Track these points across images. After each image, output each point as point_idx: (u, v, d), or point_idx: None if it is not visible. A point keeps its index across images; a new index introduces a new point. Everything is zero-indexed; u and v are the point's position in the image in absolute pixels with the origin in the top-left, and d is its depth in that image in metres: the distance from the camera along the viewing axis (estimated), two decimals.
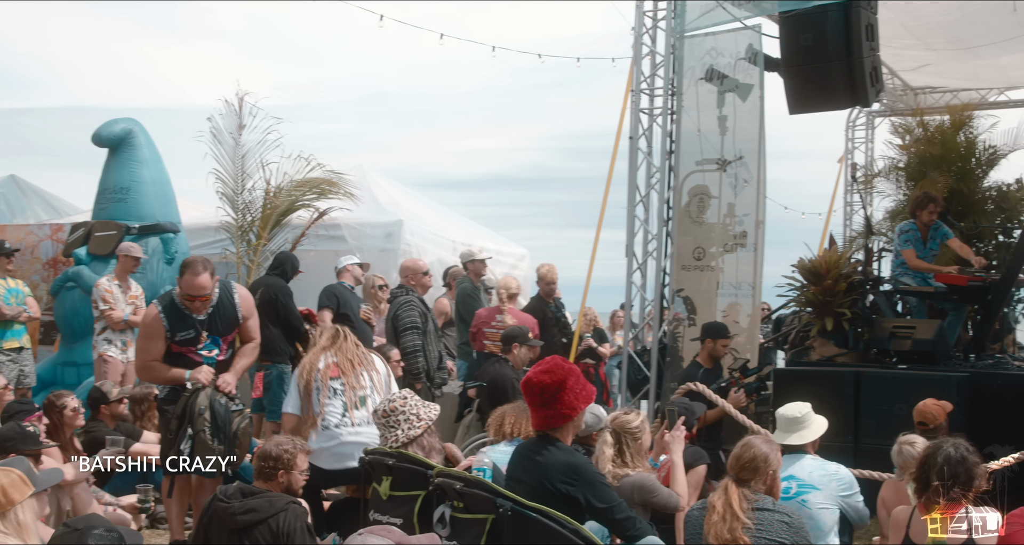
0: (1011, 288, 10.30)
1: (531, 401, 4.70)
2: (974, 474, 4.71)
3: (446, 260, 12.58)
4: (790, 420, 6.17)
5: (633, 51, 10.09)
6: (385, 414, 5.31)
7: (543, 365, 4.71)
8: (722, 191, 10.01)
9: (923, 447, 5.93)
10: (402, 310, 8.53)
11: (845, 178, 15.89)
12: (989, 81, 14.51)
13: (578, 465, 4.59)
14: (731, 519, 4.72)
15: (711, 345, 8.65)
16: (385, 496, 4.98)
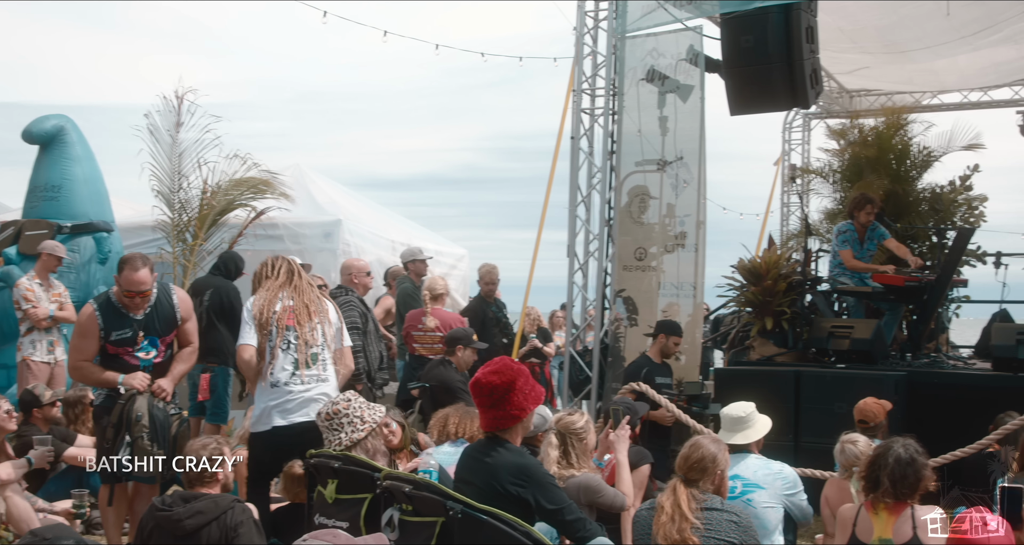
0: (946, 288, 10.45)
1: (480, 402, 4.64)
2: (922, 475, 4.75)
3: (385, 260, 12.47)
4: (734, 420, 6.19)
5: (575, 51, 10.10)
6: (328, 416, 5.22)
7: (492, 366, 4.65)
8: (662, 192, 10.04)
9: (865, 445, 6.01)
10: (342, 310, 8.42)
11: (782, 179, 16.08)
12: (922, 85, 14.77)
13: (528, 466, 4.54)
14: (680, 519, 4.70)
15: (663, 341, 8.66)
16: (331, 499, 4.89)
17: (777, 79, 9.03)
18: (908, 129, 12.48)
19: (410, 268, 10.69)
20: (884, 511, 4.70)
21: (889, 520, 4.67)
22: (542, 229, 10.67)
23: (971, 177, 12.34)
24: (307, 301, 6.30)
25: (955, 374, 9.45)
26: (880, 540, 4.65)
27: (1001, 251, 11.91)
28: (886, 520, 4.68)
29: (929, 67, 13.45)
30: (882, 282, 9.97)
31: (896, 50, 12.42)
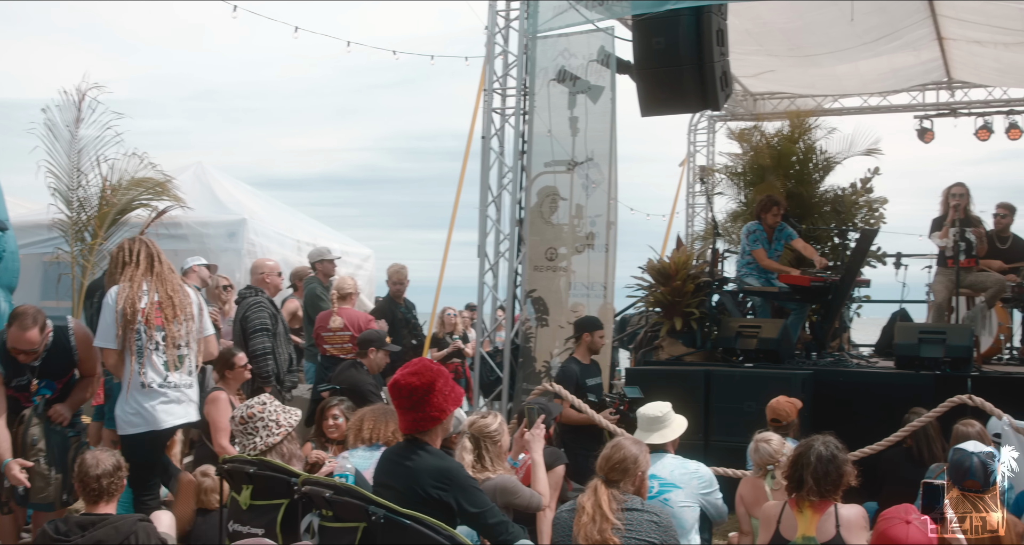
0: (850, 288, 10.65)
1: (399, 404, 4.55)
2: (844, 471, 4.81)
3: (291, 260, 12.28)
4: (651, 419, 6.20)
5: (486, 50, 10.04)
6: (243, 420, 5.07)
7: (411, 367, 4.58)
8: (572, 192, 10.03)
9: (779, 444, 6.07)
10: (251, 311, 8.24)
11: (687, 180, 16.25)
12: (825, 89, 15.07)
13: (450, 469, 4.47)
14: (600, 520, 4.68)
15: (588, 339, 8.53)
16: (245, 505, 4.74)
17: (688, 81, 9.09)
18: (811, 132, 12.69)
19: (318, 268, 10.52)
20: (808, 509, 4.76)
21: (813, 518, 4.73)
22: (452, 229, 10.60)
23: (871, 180, 12.60)
24: (171, 292, 6.17)
25: (860, 372, 9.61)
26: (804, 538, 4.70)
27: (901, 252, 12.21)
28: (810, 518, 4.73)
29: (832, 71, 13.72)
30: (788, 282, 10.12)
31: (801, 54, 12.64)
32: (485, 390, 9.96)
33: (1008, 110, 15.10)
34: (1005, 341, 11.30)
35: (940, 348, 8.95)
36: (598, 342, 8.59)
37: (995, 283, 10.13)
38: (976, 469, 4.76)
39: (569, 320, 9.73)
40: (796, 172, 12.58)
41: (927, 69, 14.16)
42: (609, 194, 9.85)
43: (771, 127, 12.90)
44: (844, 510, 4.75)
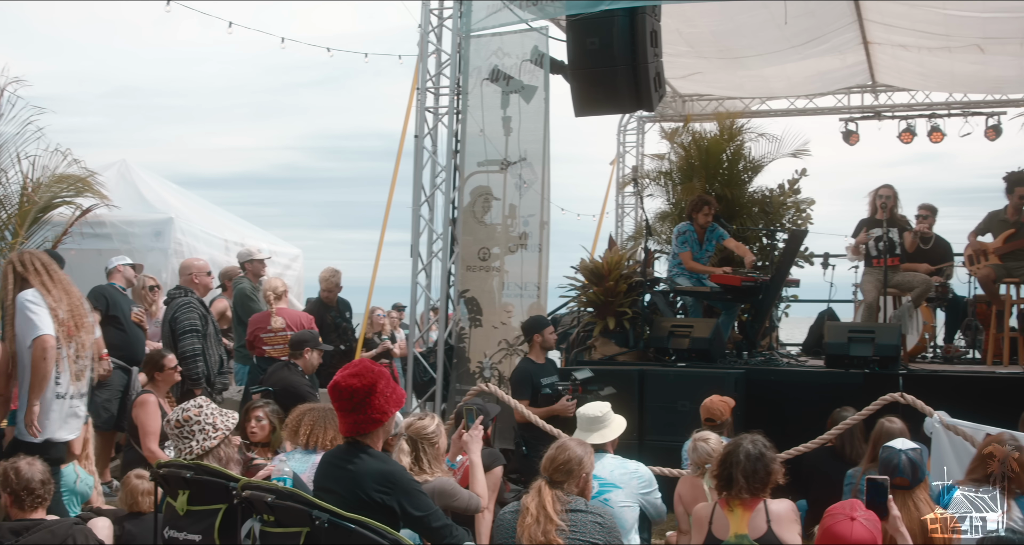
0: (780, 288, 10.76)
1: (339, 406, 4.47)
2: (772, 469, 4.83)
3: (219, 260, 12.06)
4: (591, 419, 6.19)
5: (419, 49, 9.97)
6: (179, 424, 4.95)
7: (352, 368, 4.49)
8: (505, 192, 10.01)
9: (716, 443, 6.09)
10: (181, 312, 8.08)
11: (617, 181, 16.31)
12: (752, 91, 15.21)
13: (393, 473, 4.40)
14: (545, 521, 4.64)
15: (539, 339, 8.47)
16: (182, 511, 4.62)
17: (622, 81, 9.09)
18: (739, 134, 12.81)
19: (247, 268, 10.35)
20: (739, 507, 4.76)
21: (744, 516, 4.73)
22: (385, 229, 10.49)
23: (799, 181, 12.77)
24: (77, 303, 6.06)
25: (790, 371, 9.73)
26: (736, 536, 4.71)
27: (829, 253, 12.40)
28: (741, 516, 4.74)
29: (760, 74, 13.86)
30: (720, 282, 10.19)
31: (730, 56, 12.75)
32: (418, 391, 9.89)
33: (930, 114, 15.41)
34: (929, 340, 11.53)
35: (869, 347, 9.09)
36: (549, 339, 8.55)
37: (921, 283, 10.30)
38: (904, 466, 4.84)
39: (503, 320, 9.72)
40: (725, 173, 12.70)
41: (853, 72, 14.37)
42: (542, 194, 9.84)
43: (700, 128, 13.01)
44: (773, 505, 4.78)
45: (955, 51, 12.27)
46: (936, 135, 15.24)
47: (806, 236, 10.80)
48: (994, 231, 10.66)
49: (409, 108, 10.07)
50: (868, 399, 7.67)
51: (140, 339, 8.68)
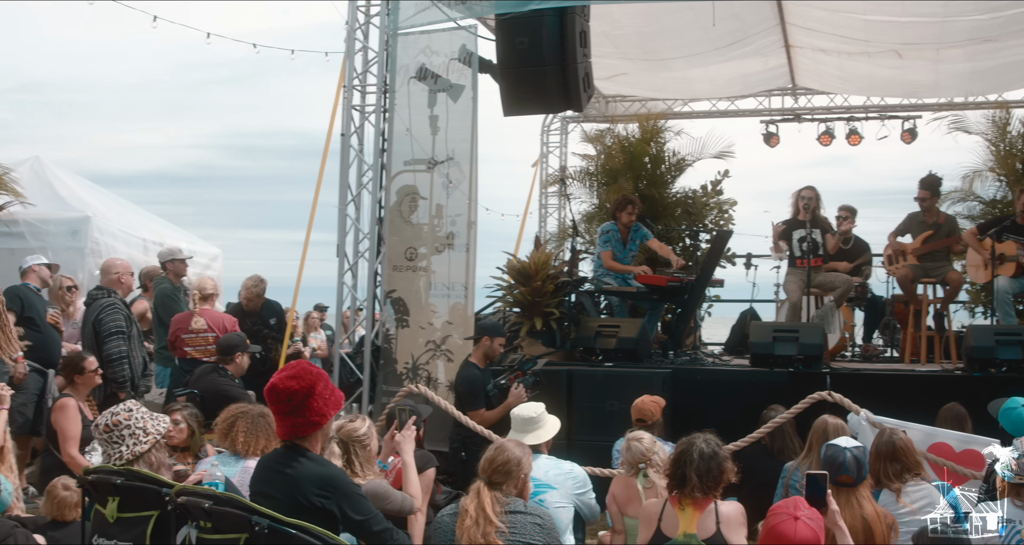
0: (705, 288, 10.86)
1: (278, 409, 4.37)
2: (725, 468, 4.88)
3: (137, 259, 11.78)
4: (526, 420, 6.17)
5: (346, 46, 9.84)
6: (108, 428, 4.79)
7: (289, 370, 4.40)
8: (432, 192, 9.92)
9: (650, 442, 6.10)
10: (105, 313, 7.86)
11: (540, 181, 16.32)
12: (675, 93, 15.34)
13: (333, 476, 4.32)
14: (484, 523, 4.60)
15: (487, 344, 8.39)
16: (112, 518, 4.47)
17: (551, 82, 9.08)
18: (663, 135, 12.92)
19: (169, 268, 10.12)
20: (690, 506, 4.78)
21: (694, 515, 4.75)
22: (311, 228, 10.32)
23: (721, 182, 12.91)
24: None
25: (716, 370, 9.82)
26: (685, 535, 4.73)
27: (751, 253, 12.56)
28: (691, 515, 4.76)
29: (683, 75, 13.97)
30: (645, 282, 10.25)
31: (655, 58, 12.83)
32: (345, 392, 9.72)
33: (848, 117, 15.68)
34: (849, 339, 11.75)
35: (793, 346, 9.21)
36: (497, 349, 8.48)
37: (843, 283, 10.47)
38: (849, 463, 4.87)
39: (430, 321, 9.64)
40: (648, 173, 12.79)
41: (774, 75, 14.56)
42: (470, 194, 9.78)
43: (624, 129, 13.07)
44: (724, 507, 4.82)
45: (874, 56, 12.51)
46: (854, 138, 15.51)
47: (731, 237, 10.90)
48: (913, 232, 10.90)
49: (335, 106, 9.92)
50: (793, 397, 7.78)
51: (56, 341, 8.45)
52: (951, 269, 10.73)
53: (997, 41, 11.86)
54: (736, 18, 11.15)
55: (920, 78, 13.51)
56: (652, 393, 7.56)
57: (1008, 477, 5.00)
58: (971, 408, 7.33)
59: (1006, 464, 5.03)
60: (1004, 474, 5.03)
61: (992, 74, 13.15)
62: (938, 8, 10.85)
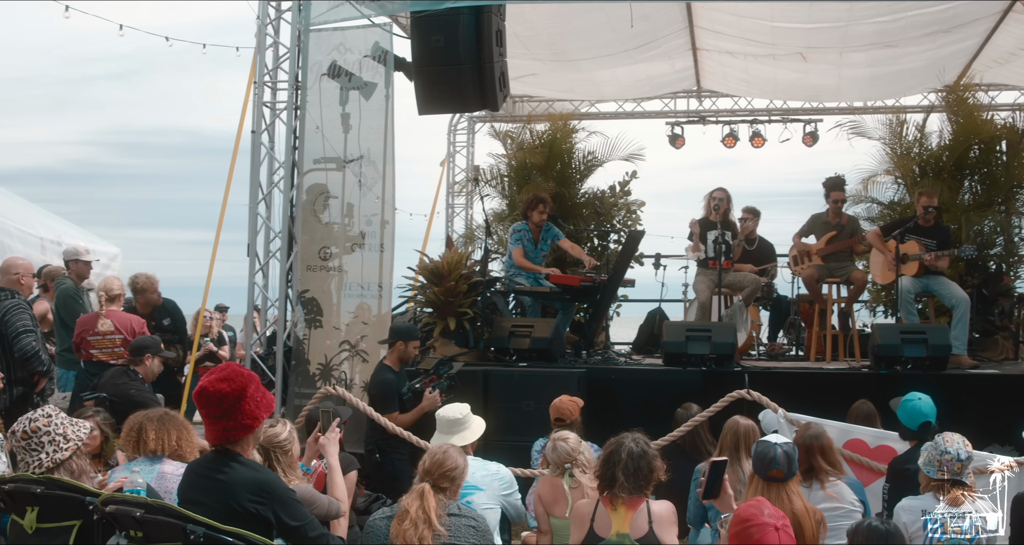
0: (617, 288, 10.92)
1: (208, 413, 4.24)
2: (654, 466, 4.91)
3: (35, 259, 11.36)
4: (451, 422, 6.13)
5: (257, 41, 9.66)
6: (26, 435, 4.59)
7: (219, 373, 4.27)
8: (344, 190, 9.80)
9: (576, 442, 6.10)
10: (12, 314, 7.54)
11: (447, 180, 16.25)
12: (583, 94, 15.42)
13: (268, 481, 4.21)
14: (423, 526, 4.54)
15: (402, 347, 8.25)
16: (31, 529, 4.28)
17: (467, 80, 9.03)
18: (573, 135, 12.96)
19: (72, 268, 9.76)
20: (621, 506, 4.80)
21: (627, 515, 4.77)
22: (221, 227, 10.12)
23: (629, 183, 12.99)
24: None
25: (630, 370, 9.88)
26: (618, 534, 4.74)
27: (660, 253, 12.69)
28: (623, 515, 4.78)
29: (591, 77, 14.05)
30: (558, 282, 10.26)
31: (564, 59, 12.87)
32: None
33: (752, 119, 15.95)
34: (755, 338, 11.94)
35: (706, 345, 9.33)
36: (411, 352, 8.35)
37: (752, 283, 10.64)
38: (780, 459, 4.92)
39: (345, 321, 9.52)
40: (558, 174, 12.80)
41: (680, 78, 14.74)
42: (384, 193, 9.69)
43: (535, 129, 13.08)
44: (655, 506, 4.85)
45: (779, 59, 12.75)
46: (757, 140, 15.77)
47: (643, 237, 10.99)
48: (817, 233, 11.15)
49: (246, 102, 9.74)
50: (707, 396, 7.89)
51: None
52: (855, 269, 11.00)
53: (898, 46, 12.21)
54: (646, 20, 11.24)
55: (823, 82, 13.82)
56: (568, 393, 7.56)
57: (931, 473, 5.15)
58: (879, 405, 7.50)
59: (929, 461, 5.17)
60: (927, 471, 5.18)
61: (891, 79, 13.53)
62: (843, 12, 11.10)
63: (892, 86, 13.86)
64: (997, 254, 11.57)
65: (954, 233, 10.66)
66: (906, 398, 6.25)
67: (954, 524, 5.02)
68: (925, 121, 12.19)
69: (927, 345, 9.00)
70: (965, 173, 11.81)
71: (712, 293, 10.43)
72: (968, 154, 11.65)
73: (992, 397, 8.67)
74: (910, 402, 6.20)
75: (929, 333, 9.13)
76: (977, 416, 6.61)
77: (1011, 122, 11.94)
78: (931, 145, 11.96)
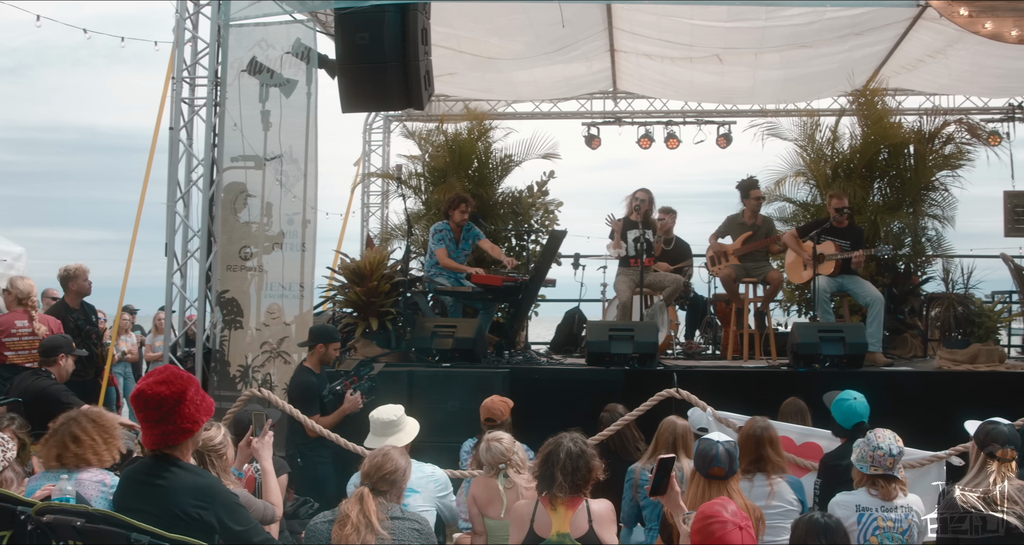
0: (539, 288, 10.94)
1: (145, 416, 4.10)
2: (592, 466, 4.90)
3: None
4: (385, 423, 6.08)
5: (175, 36, 9.46)
6: None
7: (158, 375, 4.15)
8: (264, 189, 9.66)
9: (510, 442, 6.09)
10: None
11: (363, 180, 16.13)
12: (500, 94, 15.43)
13: (210, 486, 4.09)
14: (366, 530, 4.48)
15: (322, 349, 8.17)
16: None
17: (392, 79, 8.91)
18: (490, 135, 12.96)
19: None
20: (561, 506, 4.79)
21: (567, 514, 4.77)
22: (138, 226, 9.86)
23: (547, 183, 13.03)
24: None
25: (553, 369, 9.91)
26: (559, 534, 4.73)
27: (579, 253, 12.76)
28: (563, 514, 4.77)
29: (509, 77, 14.06)
30: (480, 282, 10.24)
31: (485, 58, 12.84)
32: None
33: (667, 121, 16.14)
34: (673, 337, 12.07)
35: (629, 344, 9.40)
36: (332, 354, 8.27)
37: (672, 282, 10.74)
38: (722, 457, 4.98)
39: (266, 322, 9.38)
40: (476, 173, 12.78)
41: (597, 79, 14.83)
42: (306, 191, 9.57)
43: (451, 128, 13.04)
44: (595, 505, 4.87)
45: (696, 61, 12.90)
46: (672, 141, 15.97)
47: (565, 236, 11.02)
48: (733, 234, 11.32)
49: (164, 98, 9.52)
50: (630, 395, 7.96)
51: None
52: (771, 269, 11.19)
53: (812, 47, 12.45)
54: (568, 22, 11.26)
55: (737, 84, 14.02)
56: (493, 393, 7.53)
57: (864, 469, 5.27)
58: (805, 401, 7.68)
59: (862, 457, 5.30)
60: (860, 466, 5.30)
61: (803, 81, 13.79)
62: (762, 11, 11.28)
63: (804, 88, 14.14)
64: (906, 254, 11.89)
65: (866, 234, 10.90)
66: (841, 397, 6.36)
67: (887, 517, 5.16)
68: (837, 124, 12.46)
69: (844, 343, 9.20)
70: (875, 175, 12.11)
71: (633, 292, 10.50)
72: (878, 157, 11.95)
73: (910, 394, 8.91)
74: (845, 402, 6.30)
75: (846, 332, 9.33)
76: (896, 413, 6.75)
77: (918, 127, 12.28)
78: (843, 147, 12.24)
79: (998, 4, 8.51)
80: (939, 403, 8.69)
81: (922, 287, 11.98)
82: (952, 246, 12.23)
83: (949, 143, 12.09)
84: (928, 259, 12.17)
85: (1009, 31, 8.55)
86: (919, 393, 9.02)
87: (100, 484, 5.38)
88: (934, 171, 11.99)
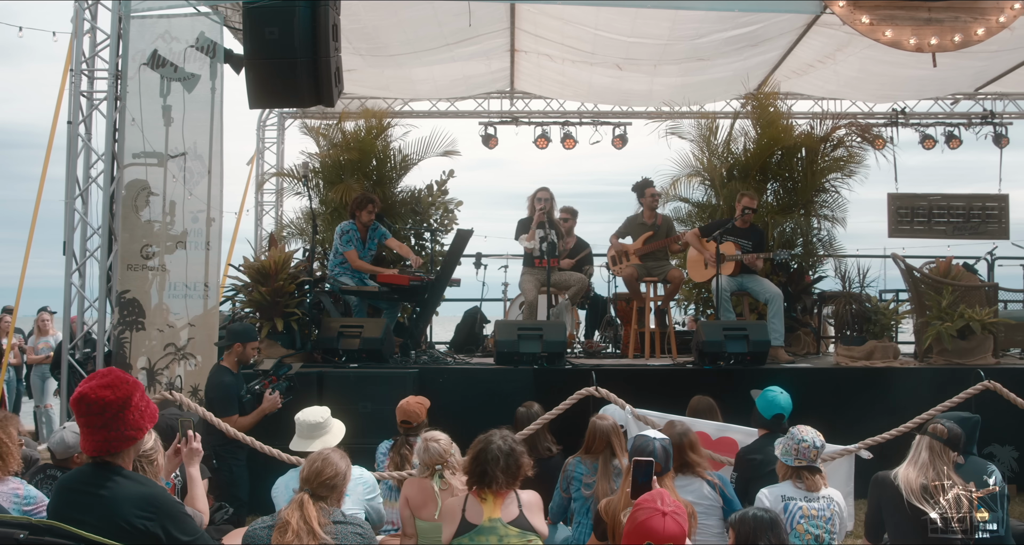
0: (445, 287, 10.92)
1: (88, 422, 3.94)
2: (522, 462, 5.19)
3: None
4: (312, 426, 5.99)
5: (73, 26, 9.14)
6: None
7: (101, 379, 3.98)
8: (166, 187, 9.39)
9: (447, 443, 6.08)
10: None
11: (256, 179, 15.84)
12: (398, 92, 15.33)
13: (155, 495, 3.94)
14: (307, 536, 4.40)
15: (240, 349, 8.04)
16: None
17: (302, 75, 8.72)
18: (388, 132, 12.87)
19: None
20: (491, 495, 5.08)
21: (496, 503, 5.06)
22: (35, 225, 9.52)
23: (447, 182, 13.01)
24: None
25: (462, 369, 9.90)
26: (490, 519, 5.00)
27: (481, 253, 12.79)
28: (493, 503, 5.06)
29: (407, 74, 13.97)
30: (386, 282, 10.18)
31: (385, 53, 12.71)
32: None
33: (564, 121, 16.25)
34: (574, 336, 12.19)
35: (538, 344, 9.46)
36: (250, 354, 8.14)
37: (578, 282, 10.84)
38: (659, 453, 5.14)
39: (169, 323, 9.13)
40: (374, 171, 12.70)
41: (495, 78, 14.83)
42: (211, 189, 9.35)
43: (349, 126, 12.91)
44: (523, 494, 5.19)
45: (595, 65, 13.02)
46: (569, 142, 16.09)
47: (471, 235, 11.01)
48: (633, 234, 11.48)
49: (62, 91, 9.19)
50: (540, 393, 8.04)
51: None
52: (672, 268, 11.38)
53: (708, 59, 12.71)
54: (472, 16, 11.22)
55: (635, 87, 14.19)
56: (404, 394, 7.50)
57: (788, 461, 5.48)
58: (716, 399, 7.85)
59: (787, 450, 5.50)
60: (785, 460, 5.51)
61: (700, 87, 14.04)
62: (664, 31, 11.46)
63: (701, 93, 14.39)
64: (798, 254, 12.21)
65: None
66: (767, 389, 6.64)
67: (811, 506, 5.37)
68: (732, 126, 12.73)
69: (748, 341, 9.43)
70: (769, 177, 12.42)
71: (539, 292, 10.56)
72: (771, 159, 12.26)
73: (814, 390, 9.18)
74: (770, 393, 6.60)
75: (750, 329, 9.55)
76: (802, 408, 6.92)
77: (809, 130, 12.64)
78: (738, 149, 12.52)
79: (897, 13, 8.81)
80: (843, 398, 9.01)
81: (814, 286, 12.32)
82: (843, 246, 12.65)
83: (840, 146, 12.48)
84: (820, 258, 12.54)
85: (908, 39, 8.85)
86: (821, 389, 9.32)
87: (13, 495, 5.19)
88: (825, 173, 12.37)
